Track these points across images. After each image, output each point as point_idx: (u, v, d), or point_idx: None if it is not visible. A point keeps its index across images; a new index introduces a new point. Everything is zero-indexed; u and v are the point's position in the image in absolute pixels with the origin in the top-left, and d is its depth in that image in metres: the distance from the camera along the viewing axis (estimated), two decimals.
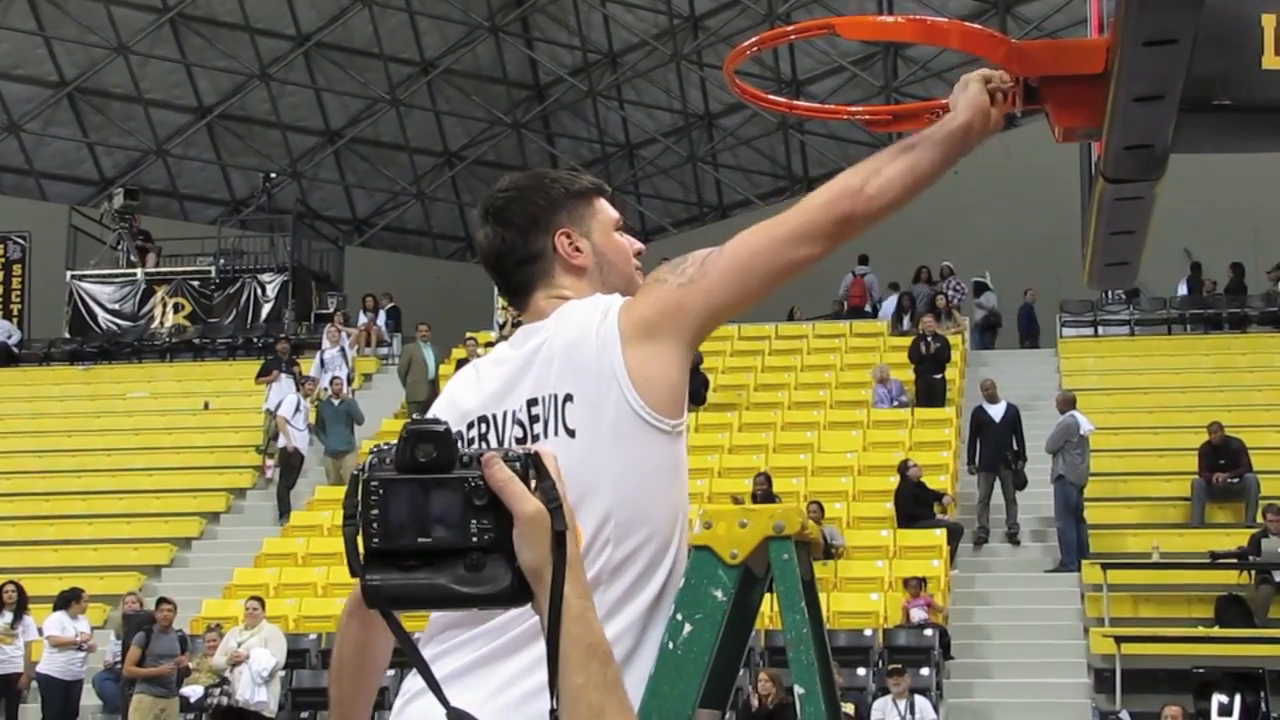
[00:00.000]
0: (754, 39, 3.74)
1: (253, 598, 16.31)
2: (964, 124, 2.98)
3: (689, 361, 2.71)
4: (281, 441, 21.42)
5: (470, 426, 2.79)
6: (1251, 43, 3.65)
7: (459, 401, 2.86)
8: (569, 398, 2.69)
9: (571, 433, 2.67)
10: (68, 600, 16.66)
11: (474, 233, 3.00)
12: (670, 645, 2.81)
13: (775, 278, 2.73)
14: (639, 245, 2.98)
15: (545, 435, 2.69)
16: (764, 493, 18.20)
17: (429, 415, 2.87)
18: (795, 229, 2.72)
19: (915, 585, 16.83)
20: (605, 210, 2.95)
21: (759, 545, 2.83)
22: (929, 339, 22.20)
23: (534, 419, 2.71)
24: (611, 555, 2.62)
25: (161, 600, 16.61)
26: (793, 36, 3.99)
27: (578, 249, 2.87)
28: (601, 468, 2.64)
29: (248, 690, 15.32)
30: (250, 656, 15.42)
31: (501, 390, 2.79)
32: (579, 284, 2.86)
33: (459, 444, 1.78)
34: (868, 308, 27.17)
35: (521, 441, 2.71)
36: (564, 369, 2.71)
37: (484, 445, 2.75)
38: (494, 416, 2.78)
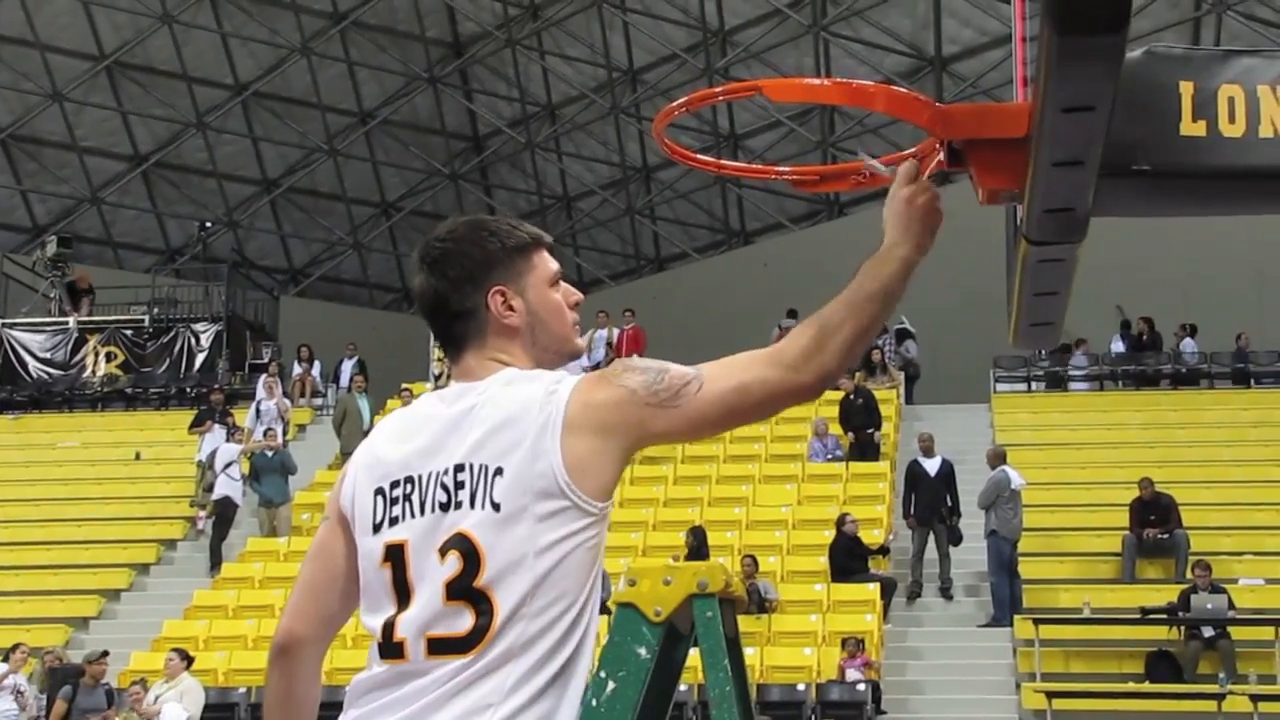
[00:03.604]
0: (682, 100, 3.78)
1: (173, 650, 16.04)
2: (903, 260, 2.96)
3: (626, 460, 2.71)
4: (219, 490, 21.22)
5: (394, 485, 2.77)
6: (1170, 110, 3.72)
7: (381, 455, 2.82)
8: (499, 471, 2.67)
9: (497, 507, 2.66)
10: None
11: (411, 279, 2.99)
12: (594, 702, 2.81)
13: (729, 427, 2.78)
14: (577, 295, 2.94)
15: (471, 506, 2.68)
16: (696, 548, 18.17)
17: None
18: (760, 401, 2.71)
19: (853, 645, 16.83)
20: (544, 264, 2.90)
21: (683, 602, 2.83)
22: (853, 395, 22.31)
23: (459, 485, 2.69)
24: (526, 629, 2.62)
25: (103, 654, 16.38)
26: (721, 98, 4.04)
27: (510, 308, 2.84)
28: (525, 545, 2.64)
29: None
30: (161, 714, 15.17)
31: (428, 448, 2.75)
32: (510, 345, 2.83)
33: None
34: None
35: (445, 507, 2.69)
36: (499, 442, 2.68)
37: (407, 507, 2.73)
38: (418, 477, 2.74)
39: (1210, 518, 19.99)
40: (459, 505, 2.68)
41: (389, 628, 2.72)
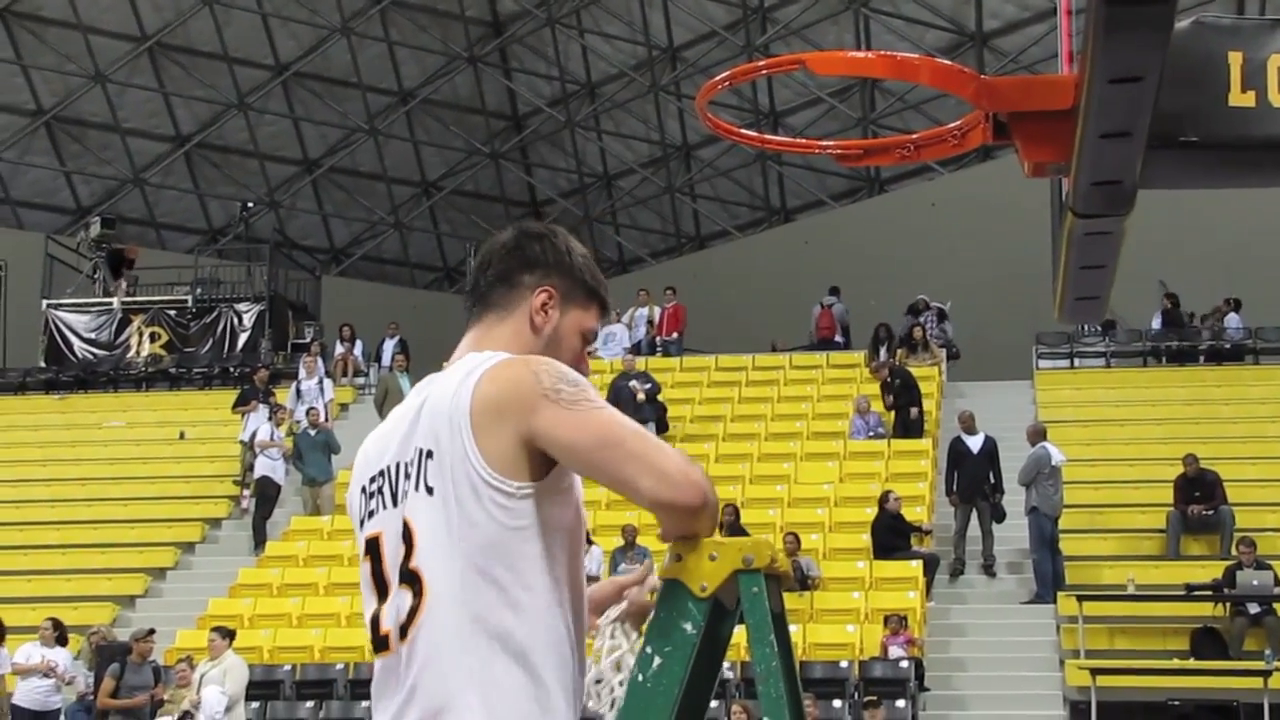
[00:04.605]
0: (725, 74, 3.77)
1: (215, 628, 16.12)
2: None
3: (528, 447, 2.69)
4: (259, 470, 21.35)
5: (372, 480, 2.85)
6: (1218, 80, 3.68)
7: (367, 453, 2.92)
8: (429, 454, 2.73)
9: (430, 490, 2.72)
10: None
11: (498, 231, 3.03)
12: (640, 678, 2.81)
13: (597, 465, 2.71)
14: (588, 365, 2.98)
15: (414, 490, 2.74)
16: (730, 523, 18.14)
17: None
18: (648, 460, 2.68)
19: (896, 622, 16.80)
20: (591, 317, 2.95)
21: (729, 578, 2.83)
22: (890, 378, 22.24)
23: (409, 473, 2.76)
24: (460, 613, 2.68)
25: (149, 631, 16.51)
26: (764, 72, 4.03)
27: (545, 312, 2.88)
28: (449, 526, 2.69)
29: None
30: (201, 698, 15.25)
31: (396, 441, 2.82)
32: (515, 343, 2.86)
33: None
34: (837, 338, 27.21)
35: (404, 495, 2.77)
36: (431, 425, 2.75)
37: (379, 500, 2.81)
38: (387, 469, 2.82)
39: (1255, 494, 19.87)
40: (408, 493, 2.76)
41: (375, 622, 2.79)
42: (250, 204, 33.15)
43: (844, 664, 16.62)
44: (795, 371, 25.36)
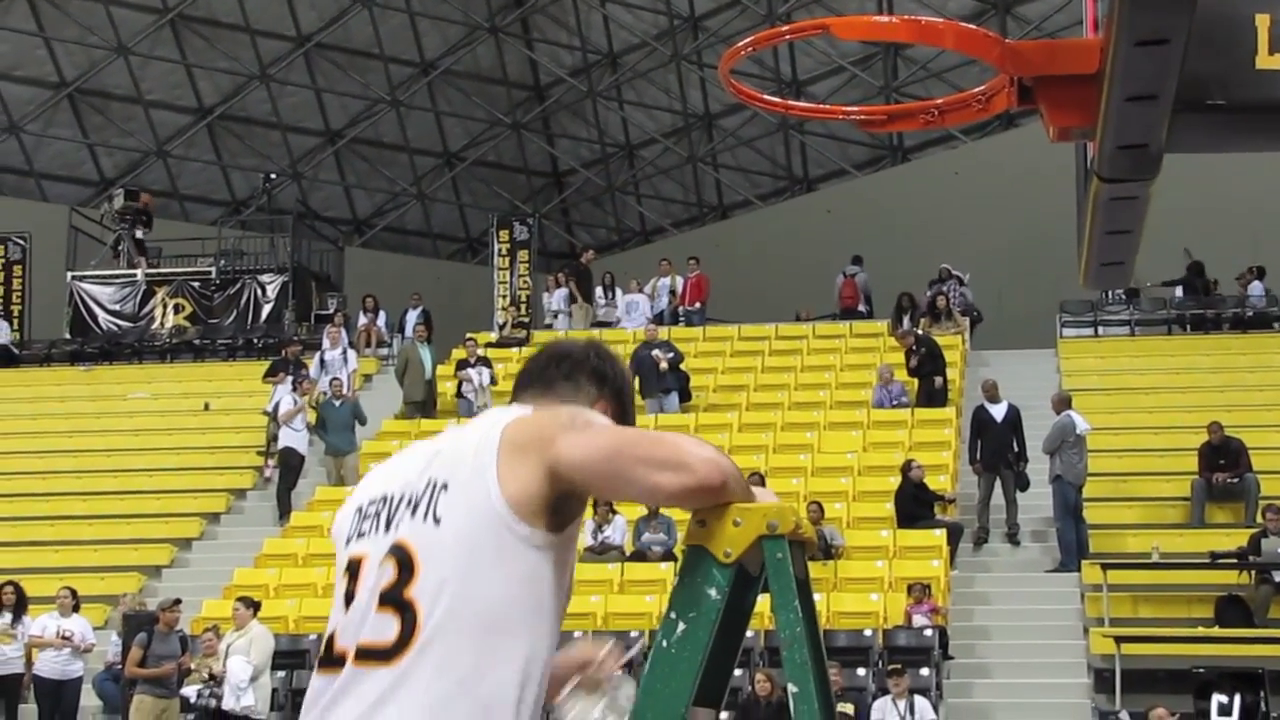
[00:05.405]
0: (749, 39, 3.75)
1: (239, 599, 16.20)
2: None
3: (550, 486, 2.69)
4: (282, 441, 21.41)
5: (372, 503, 2.85)
6: (1245, 43, 3.65)
7: (372, 479, 2.93)
8: (445, 486, 2.73)
9: (438, 520, 2.71)
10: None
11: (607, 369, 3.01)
12: (664, 644, 2.81)
13: (621, 483, 2.72)
14: None
15: (413, 516, 2.74)
16: None
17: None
18: (656, 456, 2.68)
19: (919, 591, 16.81)
20: None
21: (753, 544, 2.82)
22: (915, 345, 22.15)
23: (414, 500, 2.76)
24: (449, 648, 2.65)
25: (175, 601, 16.60)
26: (788, 37, 4.01)
27: (607, 412, 2.91)
28: (458, 561, 2.67)
29: (232, 698, 15.27)
30: (226, 668, 15.34)
31: (408, 471, 2.83)
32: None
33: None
34: (860, 307, 27.17)
35: (400, 522, 2.75)
36: (451, 458, 2.76)
37: (374, 522, 2.80)
38: (391, 495, 2.82)
39: None
40: (406, 520, 2.75)
41: (331, 638, 2.77)
42: (273, 175, 33.21)
43: (868, 632, 16.64)
44: (818, 341, 25.34)
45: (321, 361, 23.28)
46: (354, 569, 2.79)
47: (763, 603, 2.92)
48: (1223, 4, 3.57)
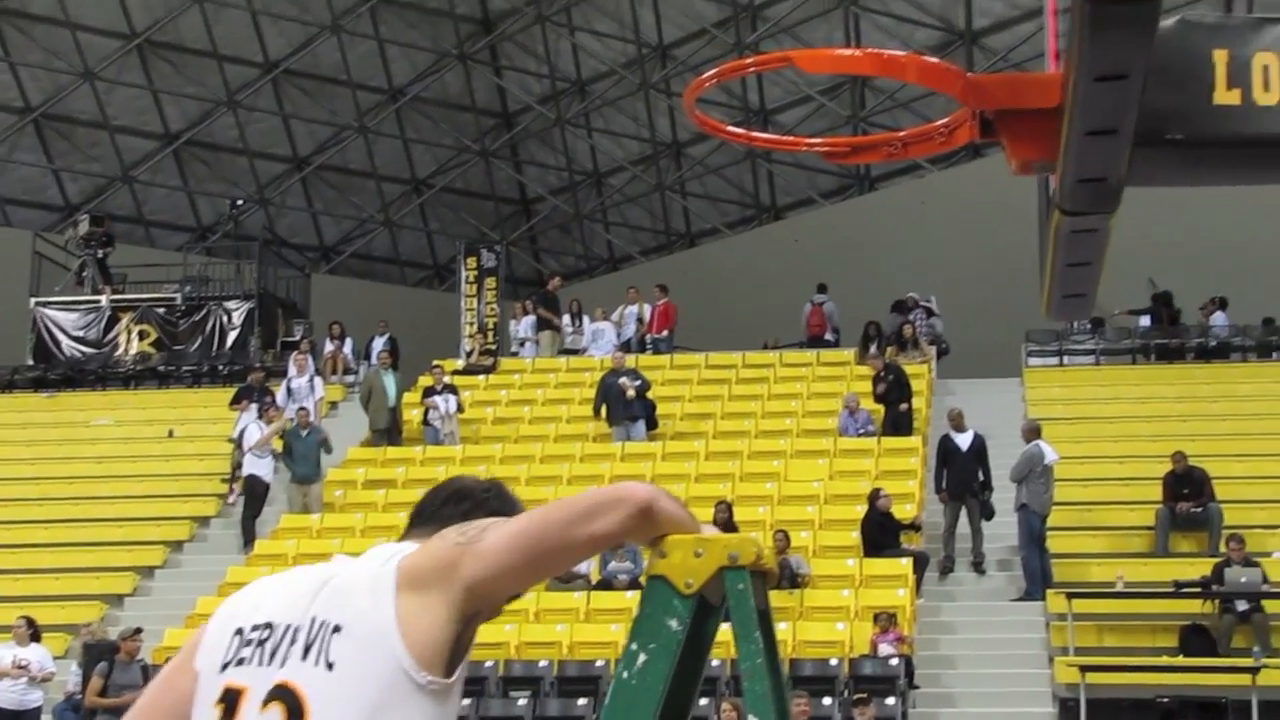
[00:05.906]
0: (713, 71, 3.77)
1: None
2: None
3: (458, 623, 2.62)
4: (247, 468, 21.32)
5: (255, 628, 2.71)
6: (1203, 78, 3.69)
7: (254, 599, 2.78)
8: (337, 629, 2.61)
9: (330, 665, 2.60)
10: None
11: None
12: (625, 675, 2.81)
13: (531, 565, 2.66)
14: None
15: (304, 658, 2.62)
16: (724, 521, 18.14)
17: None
18: (578, 511, 2.65)
19: (885, 620, 16.82)
20: None
21: (714, 575, 2.83)
22: (882, 372, 22.23)
23: (301, 640, 2.64)
24: None
25: (136, 630, 16.48)
26: (752, 69, 4.04)
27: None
28: (351, 709, 2.56)
29: None
30: None
31: (293, 601, 2.70)
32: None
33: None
34: (827, 335, 27.23)
35: (285, 659, 2.63)
36: (341, 599, 2.64)
37: (257, 652, 2.67)
38: (276, 625, 2.69)
39: (1244, 491, 19.90)
40: (296, 658, 2.62)
41: None
42: (240, 201, 33.14)
43: (834, 661, 16.63)
44: (785, 369, 25.37)
45: (288, 389, 23.20)
46: (230, 701, 2.65)
47: (726, 632, 2.92)
48: (1181, 40, 3.60)
